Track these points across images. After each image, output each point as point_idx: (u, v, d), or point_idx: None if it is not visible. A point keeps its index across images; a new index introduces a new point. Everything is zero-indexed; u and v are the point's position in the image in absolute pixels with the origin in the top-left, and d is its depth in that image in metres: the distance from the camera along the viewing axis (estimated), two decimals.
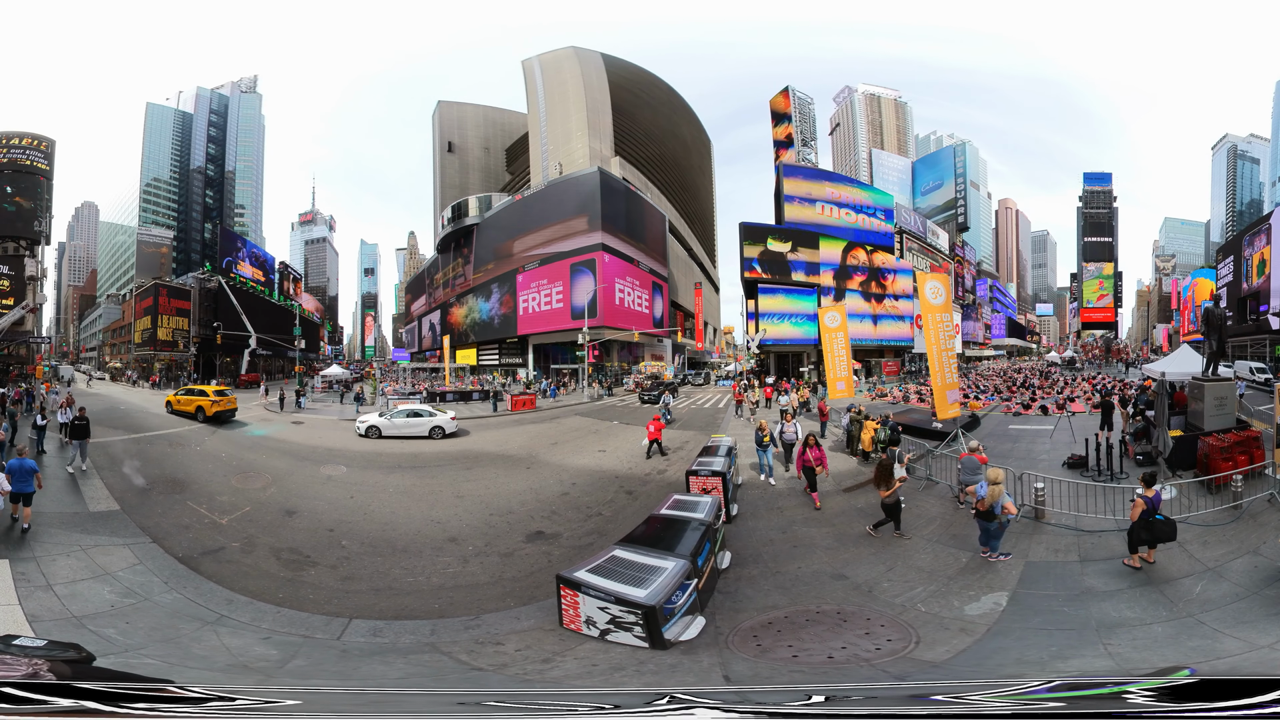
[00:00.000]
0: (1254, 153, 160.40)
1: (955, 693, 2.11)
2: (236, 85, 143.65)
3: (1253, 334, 53.51)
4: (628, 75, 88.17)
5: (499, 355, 70.75)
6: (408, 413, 24.14)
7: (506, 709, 2.35)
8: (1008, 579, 8.81)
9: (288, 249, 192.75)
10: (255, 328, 63.16)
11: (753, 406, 29.28)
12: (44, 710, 1.80)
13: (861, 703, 2.50)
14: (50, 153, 56.08)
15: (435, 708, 2.50)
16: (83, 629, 7.23)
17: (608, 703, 2.21)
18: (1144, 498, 8.79)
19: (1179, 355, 23.33)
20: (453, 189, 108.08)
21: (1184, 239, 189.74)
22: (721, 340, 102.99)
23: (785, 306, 55.33)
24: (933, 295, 17.61)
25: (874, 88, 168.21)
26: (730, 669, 6.67)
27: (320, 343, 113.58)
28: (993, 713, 2.01)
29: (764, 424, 15.48)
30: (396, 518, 13.10)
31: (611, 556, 8.37)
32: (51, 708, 1.82)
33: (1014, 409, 27.52)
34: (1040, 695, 2.17)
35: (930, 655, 6.82)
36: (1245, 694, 1.80)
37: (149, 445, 20.38)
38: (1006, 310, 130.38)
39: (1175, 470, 13.48)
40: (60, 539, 10.18)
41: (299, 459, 19.20)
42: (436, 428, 23.39)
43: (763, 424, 15.47)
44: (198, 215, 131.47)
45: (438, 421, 23.58)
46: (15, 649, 2.61)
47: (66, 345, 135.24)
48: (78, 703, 1.84)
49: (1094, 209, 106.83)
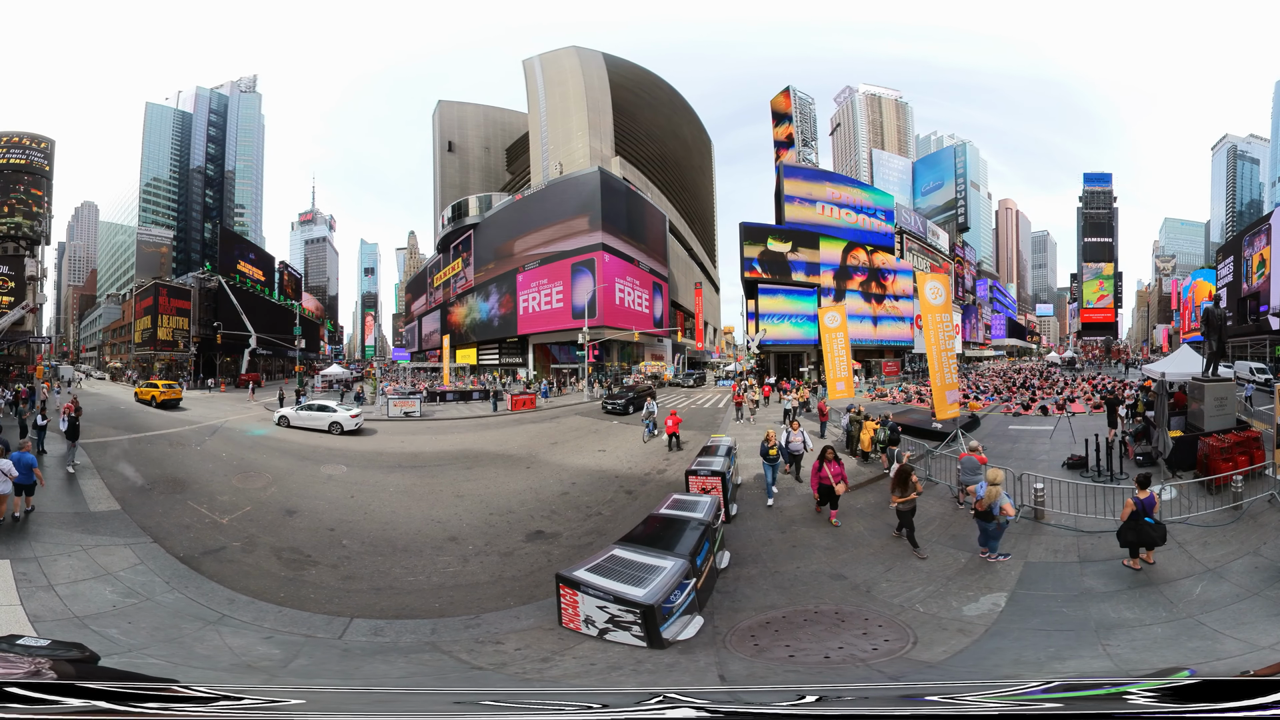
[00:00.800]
0: (1254, 153, 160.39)
1: (950, 693, 2.12)
2: (236, 85, 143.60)
3: (1253, 334, 53.55)
4: (629, 75, 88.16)
5: (499, 355, 70.75)
6: (317, 406, 25.69)
7: (499, 708, 2.37)
8: (1006, 580, 8.83)
9: (288, 248, 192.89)
10: (255, 327, 63.15)
11: (752, 406, 29.24)
12: (58, 710, 1.82)
13: (854, 703, 2.51)
14: (50, 152, 56.12)
15: (432, 707, 2.51)
16: (85, 629, 7.25)
17: (597, 702, 2.22)
18: (1135, 499, 8.81)
19: (1179, 356, 23.35)
20: (453, 188, 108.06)
21: (1184, 239, 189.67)
22: (721, 340, 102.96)
23: (785, 307, 55.32)
24: (933, 295, 17.64)
25: (875, 88, 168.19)
26: (727, 668, 6.69)
27: (320, 342, 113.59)
28: (987, 713, 2.01)
29: (771, 434, 13.79)
30: (397, 517, 13.12)
31: (611, 556, 8.40)
32: (64, 708, 1.84)
33: (1014, 409, 27.53)
34: (1037, 696, 2.18)
35: (927, 656, 6.84)
36: (1246, 696, 1.79)
37: (149, 445, 20.39)
38: (1006, 311, 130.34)
39: (1175, 471, 13.50)
40: (61, 539, 10.20)
41: (299, 458, 19.22)
42: (335, 423, 24.23)
43: (769, 434, 13.77)
44: (197, 215, 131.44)
45: (336, 418, 24.42)
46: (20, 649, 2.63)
47: (66, 345, 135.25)
48: (89, 703, 1.85)
49: (1094, 209, 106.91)
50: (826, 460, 11.66)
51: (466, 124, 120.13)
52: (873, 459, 16.36)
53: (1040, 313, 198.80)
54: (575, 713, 2.15)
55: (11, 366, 48.21)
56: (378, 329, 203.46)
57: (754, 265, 54.71)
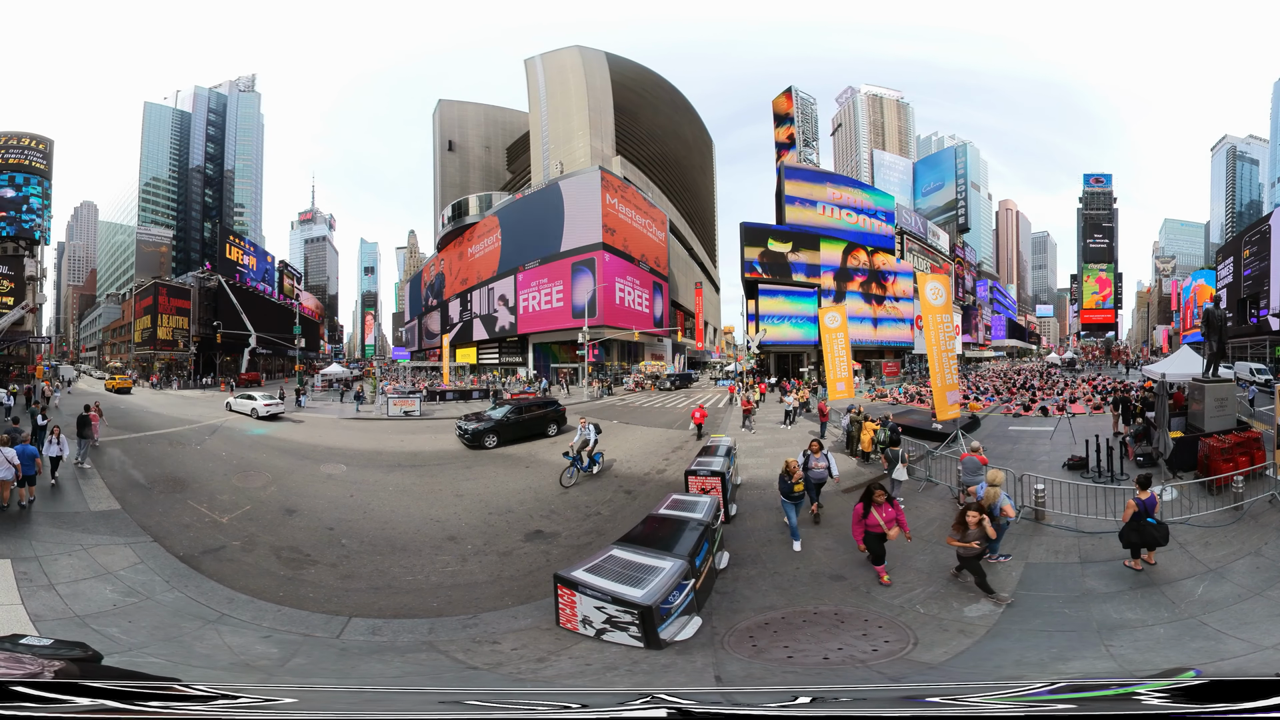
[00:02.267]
0: (1253, 154, 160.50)
1: (952, 694, 2.10)
2: (234, 84, 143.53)
3: (1253, 335, 53.56)
4: (631, 74, 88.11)
5: (499, 354, 70.74)
6: (244, 396, 31.70)
7: (481, 707, 2.36)
8: (1007, 581, 8.80)
9: (287, 247, 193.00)
10: (255, 327, 63.15)
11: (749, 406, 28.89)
12: (65, 709, 1.82)
13: (850, 704, 2.48)
14: (49, 152, 56.09)
15: (418, 706, 2.51)
16: (86, 628, 7.23)
17: (578, 702, 2.21)
18: (1137, 500, 8.79)
19: (1179, 356, 23.36)
20: (453, 187, 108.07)
21: (1184, 240, 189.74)
22: (721, 340, 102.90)
23: (785, 308, 55.33)
24: (933, 296, 17.62)
25: (877, 88, 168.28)
26: (723, 669, 6.65)
27: (320, 341, 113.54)
28: (995, 715, 2.00)
29: (791, 463, 10.95)
30: (396, 516, 13.10)
31: (609, 556, 8.36)
32: (72, 707, 1.84)
33: (1014, 410, 27.51)
34: (1046, 697, 2.17)
35: (928, 657, 6.81)
36: (1255, 696, 1.78)
37: (149, 444, 20.37)
38: (1007, 311, 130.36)
39: (1176, 472, 13.49)
40: (62, 538, 10.18)
41: (299, 457, 19.20)
42: (253, 409, 29.28)
43: (789, 464, 10.92)
44: (197, 214, 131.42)
45: (255, 404, 29.55)
46: (23, 648, 2.62)
47: (66, 345, 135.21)
48: (96, 701, 1.85)
49: (1094, 210, 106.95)
50: (876, 504, 8.77)
51: (467, 123, 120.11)
52: (873, 459, 16.39)
53: (1040, 314, 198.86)
54: (551, 712, 2.15)
55: (12, 366, 48.19)
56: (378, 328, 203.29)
57: (754, 266, 54.72)
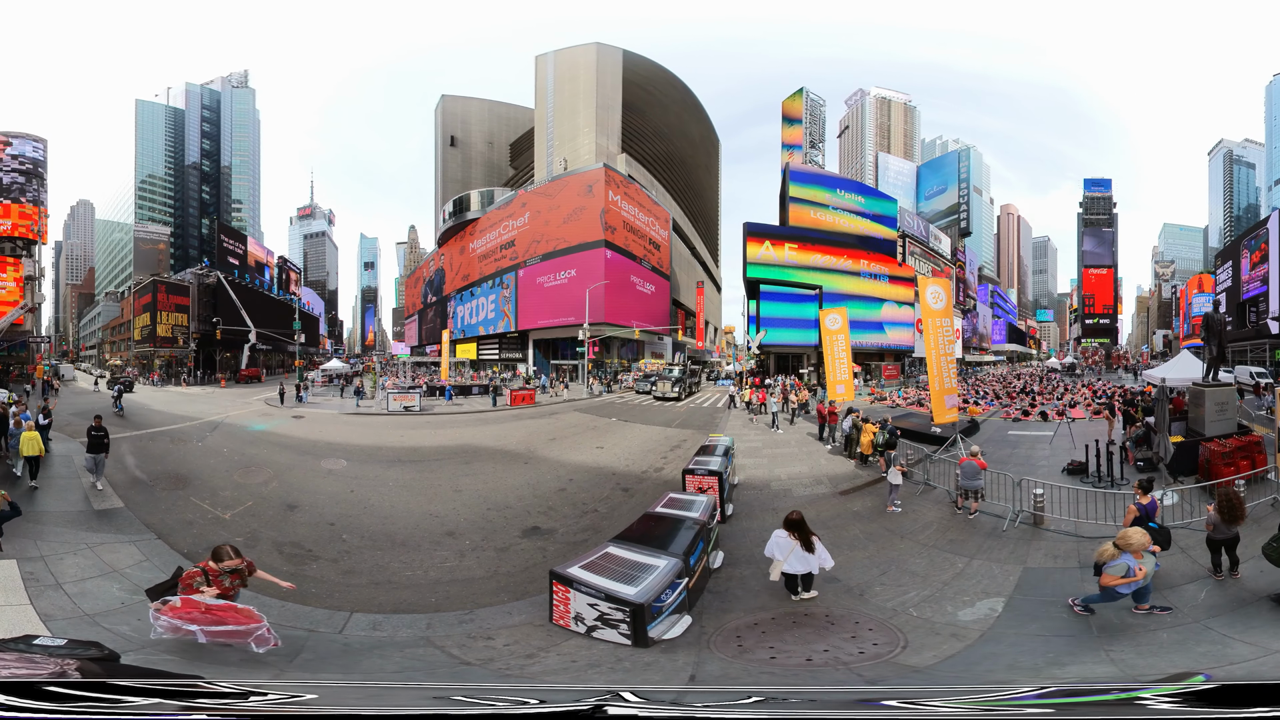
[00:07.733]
0: (1249, 157, 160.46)
1: (914, 697, 2.07)
2: (227, 80, 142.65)
3: (1252, 339, 53.59)
4: (644, 72, 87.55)
5: (499, 350, 70.71)
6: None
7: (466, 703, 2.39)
8: (1005, 585, 8.84)
9: (286, 243, 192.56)
10: (254, 322, 63.10)
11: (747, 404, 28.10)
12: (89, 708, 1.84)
13: (801, 705, 2.46)
14: (43, 151, 55.97)
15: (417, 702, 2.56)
16: (98, 627, 7.25)
17: (536, 697, 2.25)
18: (1138, 504, 8.83)
19: (1179, 361, 23.39)
20: (455, 183, 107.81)
21: (1183, 244, 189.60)
22: (722, 340, 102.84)
23: (786, 309, 55.32)
24: (934, 300, 17.67)
25: (886, 91, 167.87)
26: (702, 669, 6.67)
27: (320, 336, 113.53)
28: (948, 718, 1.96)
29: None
30: (396, 512, 13.16)
31: (605, 553, 8.41)
32: (97, 704, 1.86)
33: (1014, 415, 27.52)
34: (1025, 701, 2.16)
35: (915, 660, 6.81)
36: (1270, 701, 1.77)
37: (151, 442, 20.40)
38: (1007, 316, 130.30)
39: (1176, 476, 13.53)
40: (67, 537, 10.21)
41: (300, 453, 19.23)
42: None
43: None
44: (194, 211, 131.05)
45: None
46: (38, 648, 2.64)
47: (66, 344, 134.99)
48: (120, 699, 1.88)
49: (1094, 215, 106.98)
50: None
51: (470, 118, 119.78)
52: (871, 461, 16.45)
53: (1040, 318, 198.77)
54: (509, 707, 2.18)
55: (11, 366, 48.15)
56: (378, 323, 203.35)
57: (756, 267, 54.74)
